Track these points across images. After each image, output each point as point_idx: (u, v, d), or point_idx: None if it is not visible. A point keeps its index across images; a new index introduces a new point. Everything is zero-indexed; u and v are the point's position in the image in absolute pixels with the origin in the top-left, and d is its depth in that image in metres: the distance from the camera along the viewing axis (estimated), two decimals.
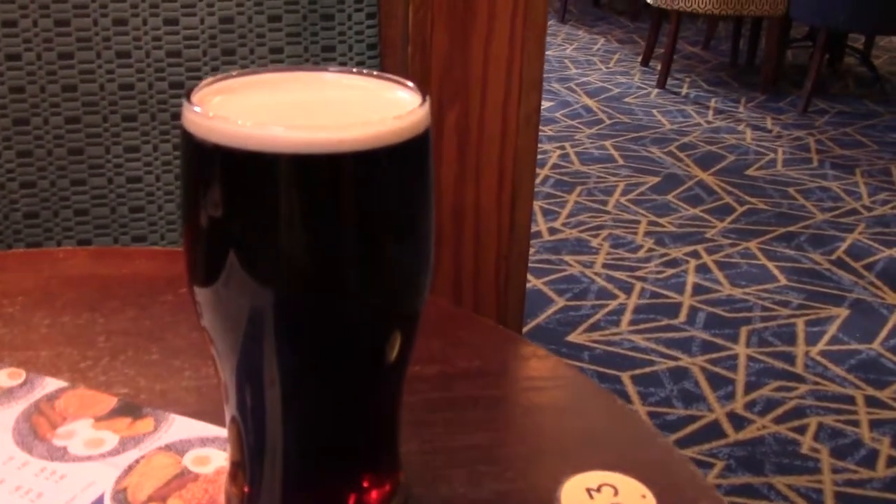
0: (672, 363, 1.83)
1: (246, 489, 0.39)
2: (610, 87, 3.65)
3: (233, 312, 0.35)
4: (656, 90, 3.61)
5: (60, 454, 0.43)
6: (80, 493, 0.40)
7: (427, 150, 0.35)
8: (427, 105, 0.35)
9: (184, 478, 0.42)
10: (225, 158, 0.33)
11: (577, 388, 0.50)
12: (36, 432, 0.44)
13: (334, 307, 0.35)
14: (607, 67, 3.93)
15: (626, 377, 1.77)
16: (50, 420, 0.45)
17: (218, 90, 0.35)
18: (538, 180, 2.68)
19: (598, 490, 0.40)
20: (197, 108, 0.33)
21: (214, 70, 1.02)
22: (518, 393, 0.50)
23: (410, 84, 0.36)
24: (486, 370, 0.50)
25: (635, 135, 3.11)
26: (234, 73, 0.36)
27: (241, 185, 0.33)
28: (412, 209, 0.35)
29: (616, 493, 0.40)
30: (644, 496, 0.40)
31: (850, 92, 3.71)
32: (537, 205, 2.52)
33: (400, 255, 0.36)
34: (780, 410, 1.70)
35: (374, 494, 0.39)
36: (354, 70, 0.37)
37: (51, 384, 0.48)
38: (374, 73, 0.37)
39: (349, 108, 0.36)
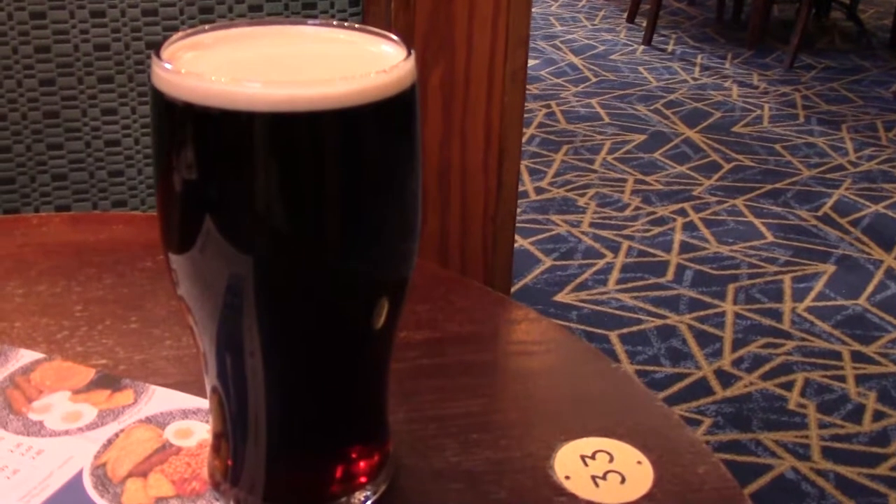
0: (659, 321, 1.83)
1: (229, 462, 0.37)
2: (595, 44, 3.61)
3: (210, 280, 0.33)
4: (642, 47, 3.58)
5: (37, 429, 0.41)
6: (57, 469, 0.39)
7: (413, 106, 0.33)
8: (412, 59, 0.33)
9: (165, 451, 0.40)
10: (198, 118, 0.30)
11: (570, 351, 0.48)
12: (11, 406, 0.43)
13: (317, 274, 0.34)
14: (592, 24, 3.88)
15: (613, 336, 1.77)
16: (25, 394, 0.44)
17: (190, 45, 0.33)
18: (524, 140, 2.66)
19: (593, 457, 0.39)
20: (167, 65, 0.31)
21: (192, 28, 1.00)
22: (510, 357, 0.49)
23: (395, 37, 0.34)
24: (477, 334, 0.49)
25: (621, 92, 3.08)
26: (206, 28, 0.34)
27: (217, 147, 0.31)
28: (398, 169, 0.34)
29: (611, 459, 0.39)
30: (640, 462, 0.39)
31: (836, 47, 3.69)
32: (523, 164, 2.50)
33: (386, 218, 0.34)
34: (767, 367, 1.71)
35: (362, 465, 0.38)
36: (335, 23, 0.35)
37: (26, 356, 0.46)
38: (357, 25, 0.35)
39: (330, 62, 0.34)
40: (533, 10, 3.98)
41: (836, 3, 3.96)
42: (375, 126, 0.32)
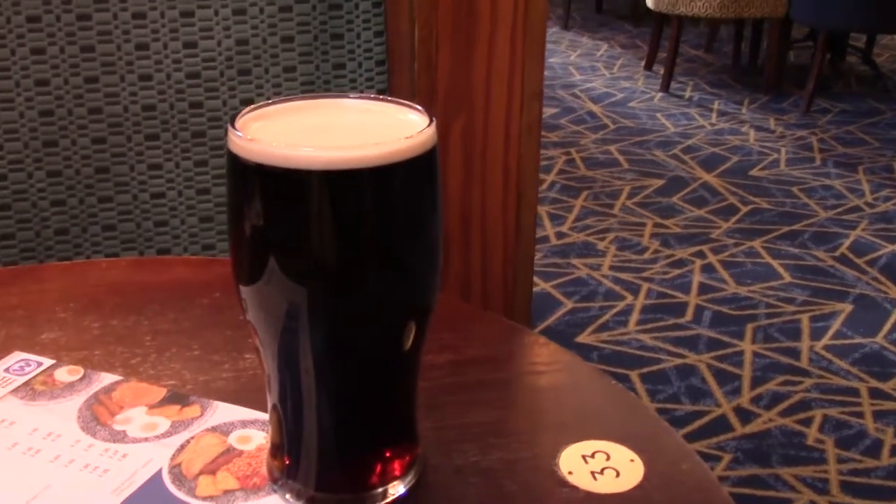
0: (679, 361, 1.87)
1: (286, 461, 0.45)
2: (614, 92, 3.70)
3: (272, 307, 0.41)
4: (660, 94, 3.66)
5: (121, 437, 0.49)
6: (140, 468, 0.47)
7: (434, 164, 0.41)
8: (434, 126, 0.41)
9: (230, 454, 0.48)
10: (264, 175, 0.39)
11: (574, 370, 0.56)
12: (98, 419, 0.50)
13: (357, 301, 0.41)
14: (611, 73, 3.98)
15: (634, 375, 1.82)
16: (109, 409, 0.51)
17: (256, 116, 0.42)
18: (545, 186, 2.73)
19: (593, 456, 0.46)
20: (239, 133, 0.39)
21: (232, 90, 1.08)
22: (522, 376, 0.56)
23: (419, 108, 0.42)
24: (493, 357, 0.56)
25: (640, 138, 3.16)
26: (269, 102, 0.42)
27: (278, 198, 0.39)
28: (423, 215, 0.41)
29: (608, 458, 0.46)
30: (632, 460, 0.46)
31: (852, 90, 3.75)
32: (544, 210, 2.57)
33: (413, 254, 0.42)
34: (785, 404, 1.74)
35: (396, 463, 0.45)
36: (371, 96, 0.43)
37: (106, 378, 0.54)
38: (389, 98, 0.43)
39: (367, 129, 0.42)
40: (552, 60, 4.09)
41: (852, 47, 4.03)
42: (404, 181, 0.40)
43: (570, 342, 1.92)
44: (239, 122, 0.40)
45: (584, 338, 1.95)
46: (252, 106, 0.42)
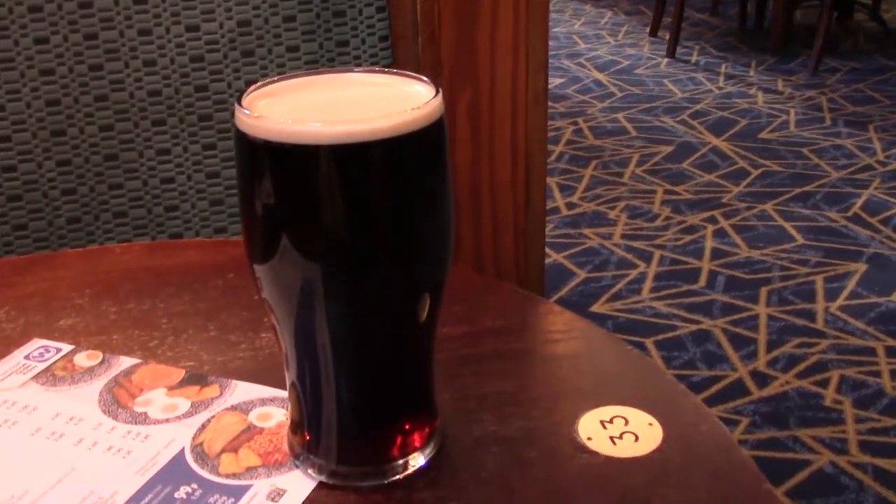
0: (694, 326, 1.87)
1: (307, 437, 0.45)
2: (619, 59, 3.67)
3: (287, 285, 0.41)
4: (666, 60, 3.63)
5: (142, 418, 0.50)
6: (163, 448, 0.47)
7: (443, 134, 0.41)
8: (440, 96, 0.40)
9: (250, 432, 0.48)
10: (273, 152, 0.39)
11: (590, 337, 0.56)
12: (118, 402, 0.51)
13: (371, 275, 0.41)
14: (616, 40, 3.95)
15: (649, 343, 1.82)
16: (129, 391, 0.52)
17: (263, 94, 0.42)
18: (553, 157, 2.72)
19: (611, 421, 0.46)
20: (246, 111, 0.39)
21: (236, 72, 1.08)
22: (538, 345, 0.56)
23: (425, 78, 0.42)
24: (508, 327, 0.56)
25: (647, 105, 3.14)
26: (275, 79, 0.42)
27: (288, 175, 0.39)
28: (433, 186, 0.41)
29: (626, 423, 0.46)
30: (651, 424, 0.46)
31: (860, 48, 3.71)
32: (554, 181, 2.56)
33: (425, 226, 0.42)
34: (802, 366, 1.74)
35: (415, 435, 0.45)
36: (377, 69, 0.43)
37: (125, 362, 0.55)
38: (394, 70, 0.43)
39: (374, 102, 0.42)
40: (557, 29, 4.06)
41: (859, 4, 3.98)
42: (412, 152, 0.40)
43: (583, 312, 1.93)
44: (245, 100, 0.40)
45: (597, 307, 1.95)
46: (258, 83, 0.42)
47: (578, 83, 3.40)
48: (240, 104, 0.39)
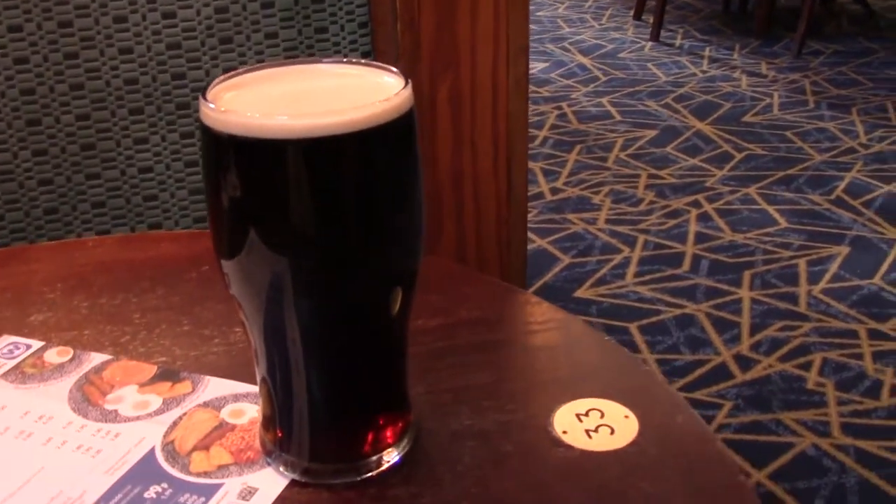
0: (678, 311, 1.87)
1: (279, 433, 0.45)
2: (603, 43, 3.66)
3: (256, 280, 0.40)
4: (650, 43, 3.62)
5: (113, 416, 0.49)
6: (133, 447, 0.46)
7: (413, 126, 0.40)
8: (409, 87, 0.40)
9: (223, 429, 0.47)
10: (239, 147, 0.38)
11: (567, 328, 0.55)
12: (89, 400, 0.50)
13: (342, 269, 0.41)
14: (600, 24, 3.93)
15: (633, 328, 1.82)
16: (100, 388, 0.51)
17: (229, 86, 0.41)
18: (537, 142, 2.72)
19: (587, 414, 0.46)
20: (211, 105, 0.38)
21: (214, 59, 1.07)
22: (515, 336, 0.56)
23: (395, 69, 0.41)
24: (484, 319, 0.56)
25: (631, 89, 3.13)
26: (242, 70, 0.41)
27: (255, 170, 0.38)
28: (403, 179, 0.41)
29: (602, 415, 0.46)
30: (627, 416, 0.45)
31: (844, 31, 3.71)
32: (538, 166, 2.56)
33: (395, 218, 0.41)
34: (785, 349, 1.74)
35: (389, 430, 0.45)
36: (345, 60, 0.42)
37: (96, 358, 0.54)
38: (363, 61, 0.42)
39: (343, 94, 0.41)
40: (540, 13, 4.04)
41: None
42: (382, 144, 0.39)
43: (568, 297, 1.93)
44: (210, 93, 0.39)
45: (582, 292, 1.95)
46: (224, 76, 0.41)
47: (562, 67, 3.39)
48: (204, 97, 0.39)
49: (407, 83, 0.40)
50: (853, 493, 1.41)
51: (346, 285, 0.41)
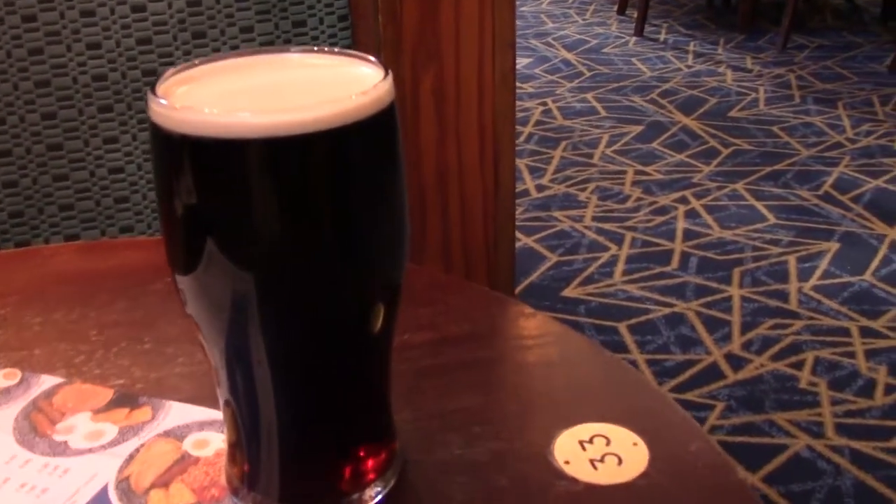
0: (667, 310, 1.84)
1: (245, 468, 0.40)
2: (587, 38, 3.63)
3: (216, 298, 0.35)
4: (634, 38, 3.59)
5: (62, 449, 0.44)
6: (83, 485, 0.41)
7: (393, 122, 0.35)
8: (390, 79, 0.35)
9: (185, 462, 0.42)
10: (194, 148, 0.33)
11: (566, 343, 0.50)
12: (36, 430, 0.45)
13: (315, 285, 0.36)
14: (584, 19, 3.90)
15: (622, 327, 1.79)
16: (49, 416, 0.46)
17: (182, 80, 0.36)
18: (522, 138, 2.68)
19: (591, 441, 0.41)
20: (161, 100, 0.33)
21: (187, 55, 1.02)
22: (507, 353, 0.51)
23: (372, 59, 0.36)
24: (475, 333, 0.51)
25: (616, 85, 3.10)
26: (196, 62, 0.36)
27: (213, 174, 0.33)
28: (383, 182, 0.36)
29: (608, 442, 0.41)
30: (635, 444, 0.41)
31: (828, 25, 3.69)
32: (523, 163, 2.52)
33: (376, 227, 0.36)
34: (776, 348, 1.72)
35: (370, 463, 0.40)
36: (316, 49, 0.37)
37: (47, 381, 0.49)
38: (336, 49, 0.37)
39: (314, 87, 0.36)
40: (524, 8, 4.00)
41: None
42: (359, 144, 0.34)
43: (555, 297, 1.89)
44: (161, 88, 0.34)
45: (569, 291, 1.91)
46: (176, 67, 0.36)
47: (546, 63, 3.35)
48: (153, 93, 0.34)
49: (387, 74, 0.35)
50: (849, 496, 1.38)
51: (320, 303, 0.36)
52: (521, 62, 3.32)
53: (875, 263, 1.98)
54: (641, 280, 1.95)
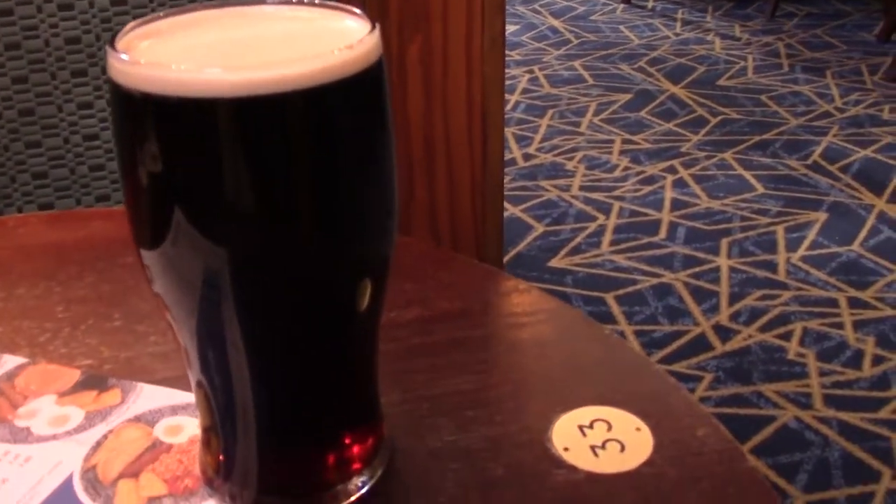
0: (655, 280, 1.82)
1: (221, 457, 0.37)
2: (575, 5, 3.58)
3: (186, 274, 0.32)
4: (622, 5, 3.55)
5: (24, 435, 0.41)
6: (46, 475, 0.38)
7: (381, 81, 0.32)
8: (377, 33, 0.31)
9: (156, 450, 0.39)
10: (158, 108, 0.29)
11: (561, 320, 0.48)
12: None
13: (295, 260, 0.33)
14: None
15: (610, 298, 1.77)
16: (10, 400, 0.43)
17: (146, 34, 0.32)
18: (509, 106, 2.64)
19: (591, 426, 0.38)
20: (122, 56, 0.30)
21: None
22: (501, 330, 0.48)
23: (357, 11, 0.33)
24: (467, 310, 0.48)
25: (604, 52, 3.06)
26: (161, 14, 0.33)
27: (179, 137, 0.30)
28: (370, 147, 0.32)
29: (610, 427, 0.38)
30: (639, 429, 0.38)
31: None
32: (510, 131, 2.48)
33: (360, 197, 0.33)
34: (764, 319, 1.70)
35: (355, 450, 0.37)
36: (295, 1, 0.34)
37: (9, 361, 0.46)
38: (317, 2, 0.33)
39: (293, 42, 0.33)
40: None
41: None
42: (343, 104, 0.31)
43: (542, 267, 1.87)
44: (121, 42, 0.31)
45: (556, 262, 1.89)
46: (139, 20, 0.32)
47: (534, 30, 3.30)
48: (113, 47, 0.30)
49: (374, 28, 0.31)
50: (836, 468, 1.37)
51: (300, 279, 0.33)
52: (509, 29, 3.27)
53: (863, 234, 1.96)
54: (629, 250, 1.93)
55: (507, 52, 3.04)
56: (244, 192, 0.31)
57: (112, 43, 0.30)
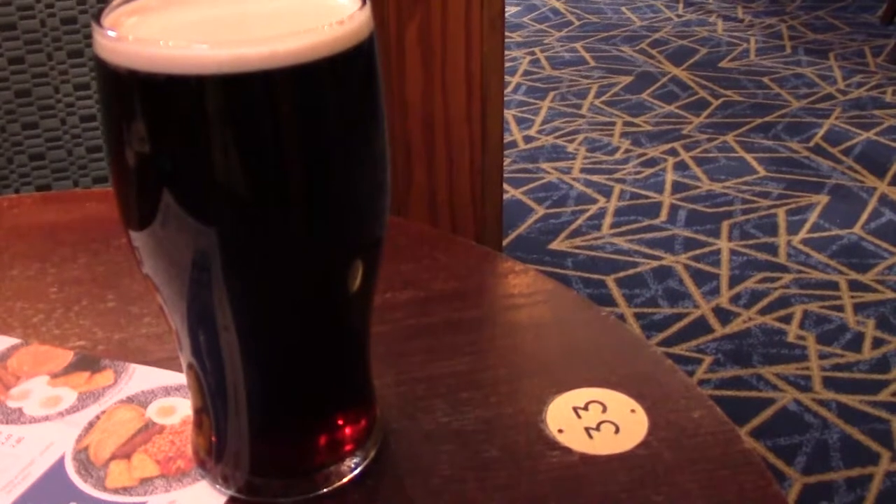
0: (656, 263, 1.82)
1: (213, 438, 0.37)
2: None
3: (175, 255, 0.32)
4: None
5: (16, 416, 0.40)
6: (38, 456, 0.38)
7: (373, 58, 0.32)
8: (367, 8, 0.31)
9: (148, 431, 0.39)
10: (144, 86, 0.29)
11: (558, 301, 0.47)
12: None
13: (284, 240, 0.32)
14: None
15: (610, 280, 1.77)
16: (2, 381, 0.43)
17: (133, 9, 0.31)
18: (509, 88, 2.62)
19: (586, 408, 0.38)
20: (109, 32, 0.29)
21: None
22: (497, 312, 0.48)
23: None
24: (462, 291, 0.48)
25: (605, 34, 3.04)
26: None
27: (167, 115, 0.29)
28: (361, 126, 0.32)
29: (604, 409, 0.38)
30: (633, 410, 0.38)
31: None
32: (510, 113, 2.47)
33: (351, 177, 0.32)
34: (765, 301, 1.70)
35: (348, 432, 0.37)
36: None
37: (2, 342, 0.45)
38: None
39: (282, 18, 0.32)
40: None
41: None
42: (333, 81, 0.30)
43: (542, 250, 1.86)
44: (108, 18, 0.30)
45: (557, 244, 1.88)
46: None
47: (535, 11, 3.28)
48: (98, 23, 0.30)
49: (364, 3, 0.31)
50: (836, 450, 1.38)
51: (291, 258, 0.33)
52: (509, 10, 3.25)
53: (864, 216, 1.96)
54: (629, 233, 1.92)
55: (508, 33, 3.03)
56: (232, 171, 0.30)
57: (98, 19, 0.30)
